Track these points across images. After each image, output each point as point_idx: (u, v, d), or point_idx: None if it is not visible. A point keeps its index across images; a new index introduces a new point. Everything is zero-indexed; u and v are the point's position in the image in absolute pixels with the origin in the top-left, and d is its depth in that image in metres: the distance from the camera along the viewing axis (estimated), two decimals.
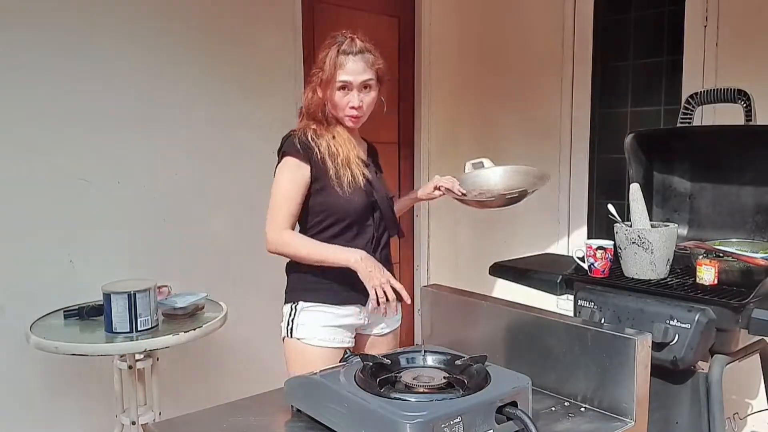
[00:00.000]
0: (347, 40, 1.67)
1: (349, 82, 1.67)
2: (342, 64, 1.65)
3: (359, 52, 1.68)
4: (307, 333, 1.69)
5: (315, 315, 1.70)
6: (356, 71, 1.67)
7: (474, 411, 0.95)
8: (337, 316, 1.70)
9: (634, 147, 2.23)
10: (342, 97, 1.68)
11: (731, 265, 1.84)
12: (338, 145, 1.69)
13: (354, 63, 1.67)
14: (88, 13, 2.36)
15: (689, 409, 1.80)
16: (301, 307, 1.71)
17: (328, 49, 1.67)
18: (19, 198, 2.24)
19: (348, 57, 1.66)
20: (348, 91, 1.68)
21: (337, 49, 1.66)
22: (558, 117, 3.34)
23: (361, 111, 1.71)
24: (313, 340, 1.68)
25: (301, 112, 1.77)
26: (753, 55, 2.59)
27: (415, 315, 3.79)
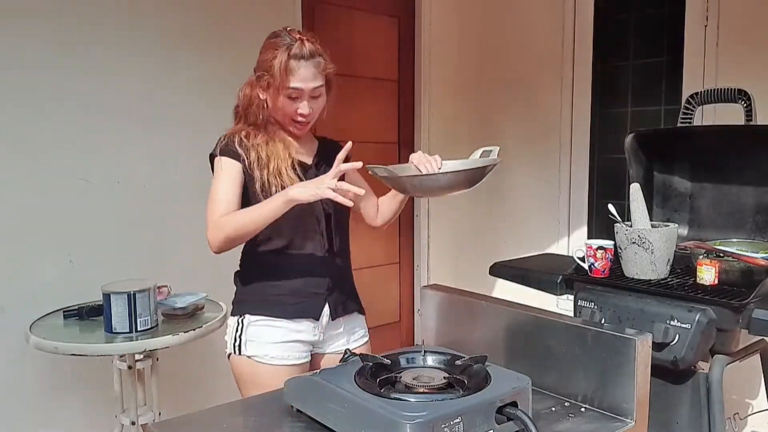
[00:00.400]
0: (297, 42, 1.52)
1: (300, 90, 1.53)
2: (293, 70, 1.51)
3: (311, 56, 1.53)
4: (256, 350, 1.56)
5: (264, 330, 1.57)
6: (308, 78, 1.53)
7: (474, 411, 0.94)
8: (289, 330, 1.58)
9: (634, 147, 2.23)
10: (290, 105, 1.55)
11: (732, 265, 1.83)
12: (270, 152, 1.56)
13: (306, 69, 1.52)
14: (88, 13, 2.36)
15: (689, 409, 1.80)
16: (248, 321, 1.58)
17: (276, 51, 1.52)
18: (19, 198, 2.24)
19: (300, 62, 1.51)
20: (298, 99, 1.55)
21: (288, 53, 1.51)
22: (558, 117, 3.34)
23: (309, 118, 1.59)
24: (264, 357, 1.56)
25: (236, 111, 1.64)
26: (753, 55, 2.59)
27: (415, 315, 3.79)
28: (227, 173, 1.54)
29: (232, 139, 1.56)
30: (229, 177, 1.54)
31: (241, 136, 1.57)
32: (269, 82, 1.53)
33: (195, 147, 2.63)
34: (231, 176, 1.54)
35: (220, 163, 1.56)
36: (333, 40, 3.28)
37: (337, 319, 1.65)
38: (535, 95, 3.43)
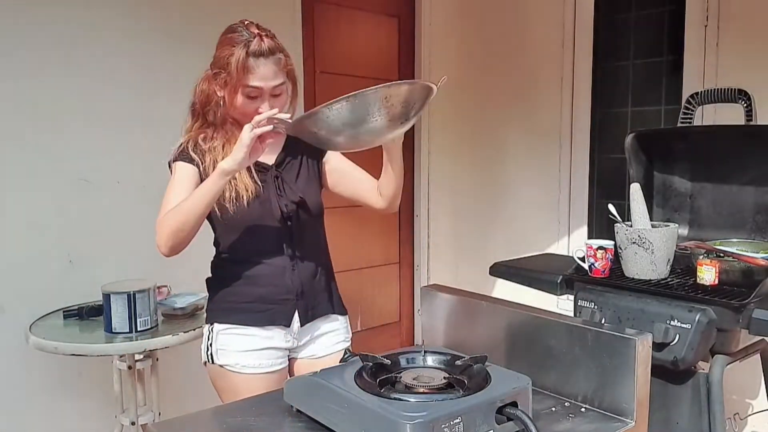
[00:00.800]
0: (255, 38, 1.43)
1: (260, 89, 1.45)
2: (252, 68, 1.42)
3: (270, 53, 1.44)
4: (227, 359, 1.52)
5: (233, 339, 1.52)
6: (268, 76, 1.44)
7: (474, 411, 0.94)
8: (260, 338, 1.53)
9: (634, 147, 2.23)
10: (249, 104, 1.46)
11: (732, 265, 1.83)
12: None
13: (265, 67, 1.43)
14: (88, 13, 2.36)
15: (690, 409, 1.80)
16: (217, 329, 1.54)
17: (233, 47, 1.43)
18: (19, 198, 2.24)
19: (259, 60, 1.43)
20: (257, 98, 1.46)
21: (246, 49, 1.42)
22: (558, 117, 3.34)
23: None
24: (236, 366, 1.52)
25: (194, 110, 1.55)
26: (753, 54, 2.59)
27: (415, 315, 3.79)
28: (180, 178, 1.50)
29: (188, 144, 1.51)
30: (183, 182, 1.49)
31: (198, 140, 1.51)
32: (226, 80, 1.45)
33: None
34: (184, 181, 1.49)
35: (175, 169, 1.52)
36: (333, 40, 3.28)
37: (311, 323, 1.59)
38: (535, 95, 3.43)
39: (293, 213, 1.54)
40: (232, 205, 1.47)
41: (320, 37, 3.22)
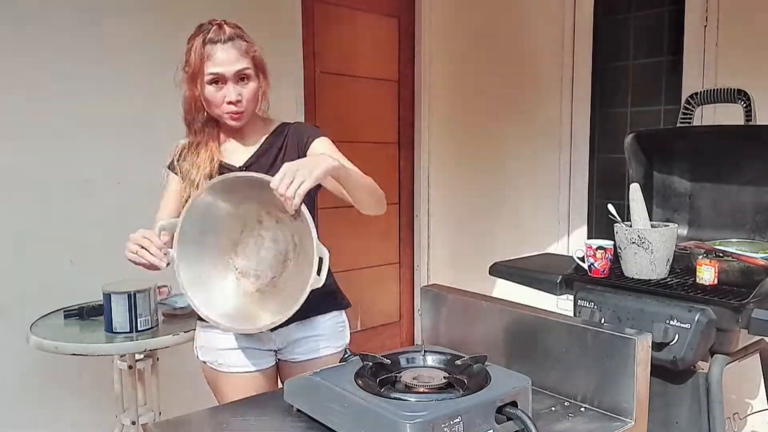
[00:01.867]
0: (214, 27, 1.44)
1: (220, 74, 1.42)
2: (210, 54, 1.41)
3: (228, 39, 1.43)
4: (208, 356, 1.54)
5: (212, 336, 1.52)
6: (228, 61, 1.42)
7: (474, 411, 0.95)
8: (239, 337, 1.51)
9: (634, 147, 2.23)
10: (215, 93, 1.44)
11: (731, 265, 1.84)
12: (194, 164, 1.48)
13: (223, 52, 1.42)
14: (88, 13, 2.36)
15: (689, 409, 1.80)
16: (199, 327, 1.56)
17: (194, 39, 1.44)
18: (19, 198, 2.24)
19: (216, 46, 1.42)
20: (221, 85, 1.44)
21: (203, 38, 1.42)
22: (558, 117, 3.34)
23: (240, 105, 1.46)
24: (214, 364, 1.53)
25: (186, 120, 1.56)
26: (753, 55, 2.59)
27: (415, 315, 3.79)
28: (168, 190, 1.54)
29: (175, 154, 1.53)
30: (169, 193, 1.53)
31: (186, 147, 1.52)
32: (189, 73, 1.44)
33: None
34: (170, 193, 1.53)
35: (165, 179, 1.56)
36: (333, 40, 3.28)
37: (285, 327, 1.50)
38: (535, 95, 3.43)
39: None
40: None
41: (320, 37, 3.22)
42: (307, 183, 1.22)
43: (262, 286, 1.37)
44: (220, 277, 1.36)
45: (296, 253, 1.33)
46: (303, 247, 1.31)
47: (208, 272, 1.35)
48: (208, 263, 1.35)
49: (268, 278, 1.36)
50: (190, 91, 1.47)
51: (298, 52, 3.01)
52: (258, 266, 1.36)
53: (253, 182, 1.27)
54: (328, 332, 1.59)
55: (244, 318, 1.32)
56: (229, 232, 1.36)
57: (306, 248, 1.28)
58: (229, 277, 1.37)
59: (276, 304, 1.31)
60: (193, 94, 1.46)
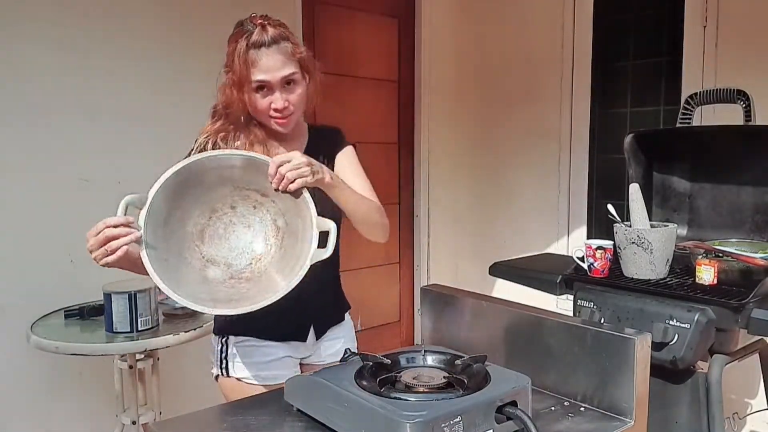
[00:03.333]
0: (257, 28, 1.34)
1: (267, 81, 1.36)
2: (254, 60, 1.34)
3: (273, 42, 1.34)
4: (244, 372, 1.47)
5: (250, 351, 1.48)
6: (274, 67, 1.35)
7: (474, 411, 0.95)
8: (277, 349, 1.49)
9: (634, 147, 2.23)
10: (261, 99, 1.38)
11: (731, 265, 1.84)
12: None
13: (269, 57, 1.34)
14: (89, 12, 2.36)
15: (689, 408, 1.81)
16: (233, 341, 1.49)
17: (237, 42, 1.35)
18: (19, 198, 2.24)
19: (261, 51, 1.34)
20: (268, 92, 1.37)
21: (246, 41, 1.34)
22: (558, 117, 3.34)
23: (288, 112, 1.40)
24: (254, 378, 1.47)
25: (215, 111, 1.47)
26: (753, 55, 2.59)
27: (415, 315, 3.79)
28: None
29: (206, 143, 1.43)
30: None
31: (218, 138, 1.43)
32: (233, 79, 1.36)
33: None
34: None
35: None
36: (333, 40, 3.28)
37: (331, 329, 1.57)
38: (535, 95, 3.43)
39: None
40: None
41: (320, 38, 3.22)
42: (308, 179, 1.23)
43: (235, 273, 1.29)
44: (185, 264, 1.26)
45: (279, 237, 1.29)
46: (291, 229, 1.27)
47: (176, 256, 1.25)
48: (173, 247, 1.25)
49: (242, 265, 1.29)
50: (236, 96, 1.39)
51: None
52: (228, 254, 1.29)
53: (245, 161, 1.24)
54: (347, 335, 1.62)
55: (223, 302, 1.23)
56: (198, 216, 1.29)
57: (296, 230, 1.25)
58: (195, 264, 1.27)
59: (258, 286, 1.26)
60: (240, 98, 1.39)
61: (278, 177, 1.22)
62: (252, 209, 1.30)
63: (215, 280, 1.27)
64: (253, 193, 1.30)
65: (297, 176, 1.22)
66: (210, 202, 1.29)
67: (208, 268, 1.28)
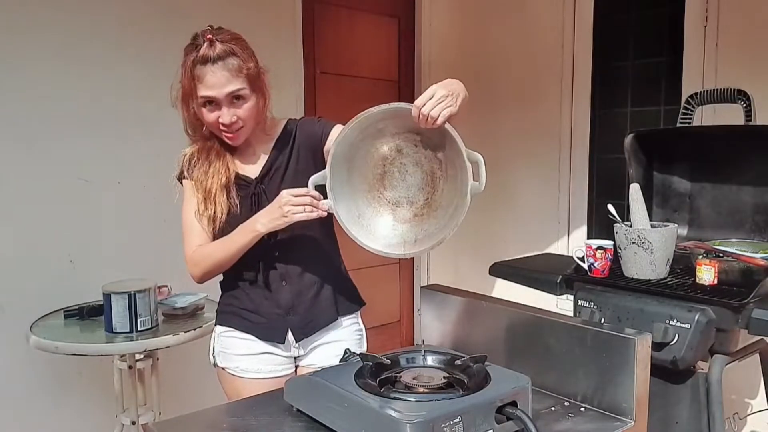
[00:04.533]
0: (205, 43, 1.35)
1: (213, 98, 1.37)
2: (200, 76, 1.35)
3: (218, 58, 1.34)
4: (228, 362, 1.51)
5: (231, 342, 1.51)
6: (218, 83, 1.35)
7: (474, 411, 0.95)
8: (258, 343, 1.50)
9: (634, 147, 2.23)
10: (209, 114, 1.39)
11: (731, 265, 1.84)
12: (209, 171, 1.46)
13: (214, 74, 1.34)
14: (88, 13, 2.36)
15: (689, 409, 1.81)
16: (218, 331, 1.54)
17: (187, 56, 1.37)
18: (19, 198, 2.24)
19: (206, 67, 1.34)
20: (215, 107, 1.38)
21: (194, 57, 1.35)
22: (558, 117, 3.34)
23: (236, 127, 1.41)
24: (235, 370, 1.51)
25: (185, 126, 1.52)
26: (753, 55, 2.59)
27: (415, 315, 3.79)
28: (188, 197, 1.50)
29: (185, 159, 1.50)
30: (191, 201, 1.49)
31: (195, 152, 1.49)
32: (182, 93, 1.40)
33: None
34: (192, 200, 1.49)
35: (184, 188, 1.52)
36: (333, 40, 3.28)
37: (312, 336, 1.53)
38: (535, 95, 3.43)
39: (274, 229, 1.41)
40: (210, 227, 1.46)
41: (320, 37, 3.22)
42: (453, 108, 1.25)
43: (417, 210, 1.38)
44: (376, 213, 1.39)
45: (443, 169, 1.36)
46: (450, 160, 1.34)
47: (364, 211, 1.38)
48: (362, 203, 1.38)
49: (421, 201, 1.38)
50: (185, 109, 1.44)
51: (298, 52, 3.01)
52: (407, 193, 1.38)
53: (389, 113, 1.30)
54: (348, 338, 1.59)
55: (410, 243, 1.36)
56: (373, 168, 1.38)
57: (453, 161, 1.32)
58: (384, 210, 1.39)
59: (436, 222, 1.36)
60: (189, 113, 1.44)
61: (422, 118, 1.24)
62: (415, 148, 1.36)
63: (403, 220, 1.38)
64: (410, 134, 1.36)
65: (441, 110, 1.24)
66: (379, 153, 1.37)
67: (395, 210, 1.39)
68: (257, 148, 1.52)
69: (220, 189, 1.45)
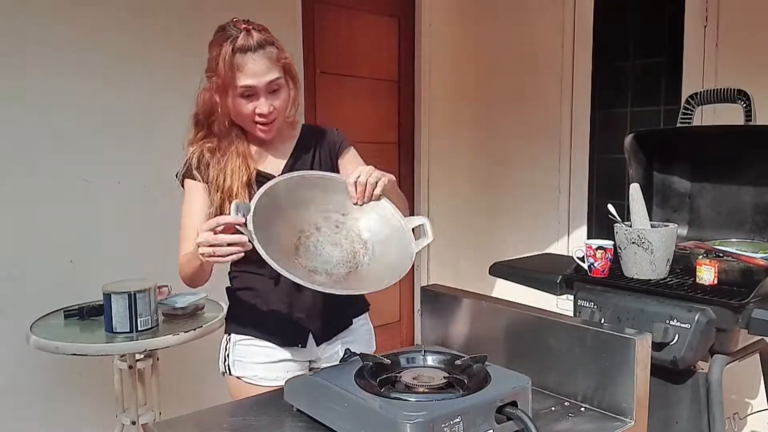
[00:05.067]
0: (242, 32, 1.33)
1: (253, 87, 1.35)
2: (240, 65, 1.32)
3: (259, 46, 1.33)
4: (245, 371, 1.46)
5: (250, 350, 1.47)
6: (259, 72, 1.34)
7: (474, 411, 0.95)
8: (276, 350, 1.47)
9: (634, 147, 2.23)
10: (246, 105, 1.36)
11: (731, 265, 1.84)
12: (225, 170, 1.40)
13: (255, 62, 1.33)
14: (89, 12, 2.36)
15: (689, 409, 1.81)
16: (234, 340, 1.49)
17: (221, 46, 1.33)
18: (19, 198, 2.24)
19: (247, 55, 1.33)
20: (253, 97, 1.36)
21: (232, 46, 1.32)
22: (558, 117, 3.34)
23: (272, 117, 1.39)
24: (253, 379, 1.46)
25: (197, 120, 1.45)
26: (753, 55, 2.59)
27: (415, 315, 3.79)
28: (190, 199, 1.44)
29: (193, 158, 1.44)
30: (193, 204, 1.43)
31: (203, 151, 1.43)
32: (218, 84, 1.35)
33: None
34: (194, 203, 1.43)
35: (185, 187, 1.46)
36: (333, 40, 3.28)
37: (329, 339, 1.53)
38: (535, 95, 3.43)
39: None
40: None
41: (320, 37, 3.22)
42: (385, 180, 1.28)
43: (337, 278, 1.27)
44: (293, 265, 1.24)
45: (368, 249, 1.29)
46: (377, 237, 1.29)
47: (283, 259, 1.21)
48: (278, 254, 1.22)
49: (342, 273, 1.28)
50: (220, 101, 1.38)
51: (298, 52, 3.01)
52: (324, 266, 1.27)
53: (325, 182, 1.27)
54: (360, 339, 1.58)
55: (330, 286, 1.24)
56: (289, 234, 1.28)
57: (382, 236, 1.27)
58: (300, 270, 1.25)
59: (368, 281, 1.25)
60: (224, 103, 1.38)
61: (360, 190, 1.26)
62: (335, 228, 1.30)
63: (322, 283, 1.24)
64: (334, 214, 1.30)
65: (375, 181, 1.26)
66: (297, 223, 1.29)
67: (311, 275, 1.26)
68: (278, 146, 1.49)
69: (241, 187, 1.40)
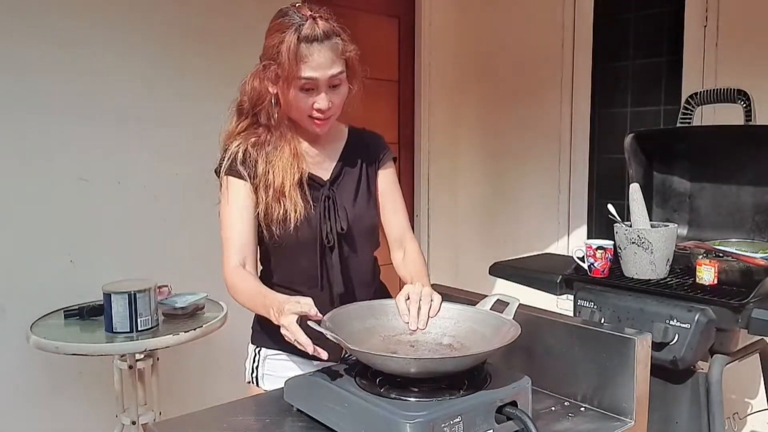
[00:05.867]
0: (308, 21, 1.23)
1: (315, 80, 1.26)
2: (305, 56, 1.23)
3: (325, 37, 1.24)
4: (276, 384, 1.38)
5: (283, 365, 1.43)
6: (324, 64, 1.25)
7: (474, 411, 0.95)
8: (309, 365, 1.39)
9: (634, 147, 2.23)
10: (305, 98, 1.28)
11: (731, 265, 1.84)
12: (275, 167, 1.32)
13: (320, 54, 1.24)
14: (88, 11, 2.36)
15: (689, 408, 1.81)
16: (265, 354, 1.45)
17: (283, 34, 1.23)
18: (19, 198, 2.24)
19: (312, 46, 1.23)
20: (313, 91, 1.28)
21: (297, 35, 1.22)
22: (558, 117, 3.34)
23: (330, 113, 1.31)
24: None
25: (241, 109, 1.37)
26: (753, 55, 2.59)
27: None
28: (234, 199, 1.34)
29: (238, 154, 1.34)
30: (237, 203, 1.34)
31: (248, 145, 1.34)
32: (277, 73, 1.26)
33: (195, 147, 2.63)
34: (238, 202, 1.34)
35: (225, 184, 1.36)
36: None
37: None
38: (535, 95, 3.43)
39: (334, 241, 1.36)
40: (278, 228, 1.31)
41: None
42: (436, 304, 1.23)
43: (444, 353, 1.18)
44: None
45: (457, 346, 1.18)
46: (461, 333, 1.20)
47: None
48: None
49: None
50: (278, 91, 1.30)
51: None
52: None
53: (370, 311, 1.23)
54: None
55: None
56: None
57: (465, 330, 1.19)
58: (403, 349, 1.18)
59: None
60: (283, 94, 1.30)
61: (422, 320, 1.20)
62: (412, 348, 1.18)
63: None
64: (402, 335, 1.21)
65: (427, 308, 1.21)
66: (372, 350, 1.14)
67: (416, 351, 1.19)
68: (327, 145, 1.42)
69: (293, 187, 1.32)
